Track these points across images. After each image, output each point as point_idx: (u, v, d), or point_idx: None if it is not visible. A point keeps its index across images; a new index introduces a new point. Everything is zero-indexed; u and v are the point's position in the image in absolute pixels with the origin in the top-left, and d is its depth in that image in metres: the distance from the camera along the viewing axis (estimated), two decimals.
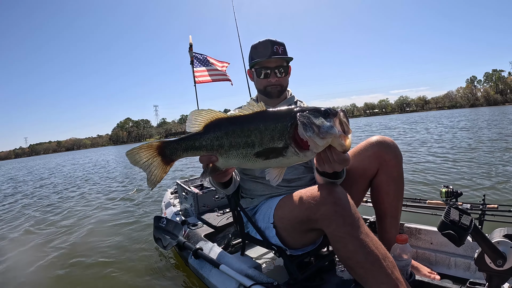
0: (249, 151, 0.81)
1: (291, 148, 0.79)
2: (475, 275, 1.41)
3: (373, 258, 0.97)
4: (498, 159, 5.31)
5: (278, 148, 0.80)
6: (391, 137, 1.40)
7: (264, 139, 0.80)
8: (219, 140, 0.82)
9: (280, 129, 0.79)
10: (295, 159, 0.82)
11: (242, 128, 0.81)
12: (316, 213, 1.04)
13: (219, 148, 0.83)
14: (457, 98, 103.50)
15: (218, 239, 2.07)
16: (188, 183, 2.81)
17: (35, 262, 2.67)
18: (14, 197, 7.21)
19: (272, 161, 0.82)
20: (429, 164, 5.52)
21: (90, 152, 53.60)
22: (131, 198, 5.19)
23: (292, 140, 0.79)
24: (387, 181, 1.34)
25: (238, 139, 0.81)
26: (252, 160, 0.82)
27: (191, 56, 3.87)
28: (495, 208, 1.54)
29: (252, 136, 0.80)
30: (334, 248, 1.05)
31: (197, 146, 0.85)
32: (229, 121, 0.83)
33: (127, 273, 2.27)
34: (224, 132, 0.82)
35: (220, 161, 0.85)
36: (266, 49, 1.39)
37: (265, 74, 1.40)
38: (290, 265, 1.28)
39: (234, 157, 0.83)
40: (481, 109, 51.93)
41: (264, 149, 0.80)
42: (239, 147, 0.82)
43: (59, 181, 9.78)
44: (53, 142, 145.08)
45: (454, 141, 8.64)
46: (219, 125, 0.83)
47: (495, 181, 3.88)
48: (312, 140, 0.76)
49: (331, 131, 0.76)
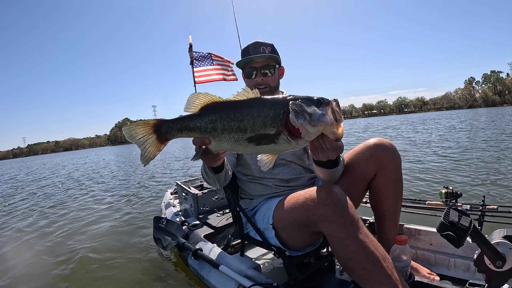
0: (241, 135, 0.83)
1: (283, 135, 0.81)
2: (475, 276, 1.41)
3: (373, 259, 0.97)
4: (498, 160, 5.32)
5: (270, 135, 0.81)
6: (390, 138, 1.40)
7: (256, 125, 0.81)
8: (213, 123, 0.84)
9: (272, 116, 0.81)
10: (287, 146, 0.83)
11: (236, 112, 0.83)
12: (316, 214, 1.04)
13: (213, 131, 0.85)
14: (455, 99, 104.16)
15: (217, 239, 2.07)
16: (188, 183, 2.81)
17: (35, 262, 2.67)
18: (14, 197, 7.20)
19: (263, 147, 0.84)
20: (429, 164, 5.53)
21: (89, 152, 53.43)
22: (131, 199, 5.19)
23: (284, 128, 0.80)
24: (385, 184, 1.33)
25: (231, 123, 0.83)
26: (243, 145, 0.84)
27: (191, 57, 3.85)
28: (494, 209, 1.55)
29: (245, 121, 0.82)
30: (334, 249, 1.04)
31: (191, 127, 0.86)
32: (224, 105, 0.85)
33: (127, 273, 2.27)
34: (218, 115, 0.84)
35: (213, 144, 0.87)
36: (253, 50, 1.42)
37: (251, 74, 1.43)
38: (289, 266, 1.28)
39: (226, 141, 0.85)
40: (479, 110, 52.15)
41: (256, 134, 0.82)
42: (232, 131, 0.83)
43: (58, 180, 9.77)
44: (51, 142, 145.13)
45: (454, 141, 8.65)
46: (214, 108, 0.85)
47: (494, 182, 3.88)
48: (304, 127, 0.78)
49: (322, 119, 0.77)
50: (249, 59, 1.41)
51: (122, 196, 5.53)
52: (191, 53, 3.81)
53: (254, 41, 1.45)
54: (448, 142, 8.74)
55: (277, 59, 1.45)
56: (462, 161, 5.50)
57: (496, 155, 5.83)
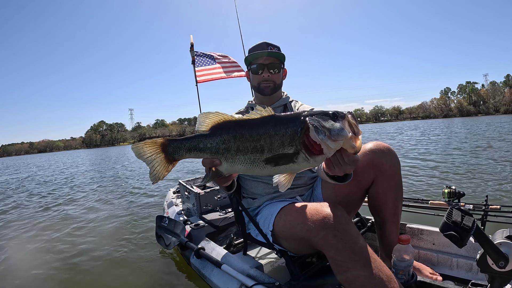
0: (258, 156, 0.78)
1: (301, 154, 0.77)
2: (477, 276, 1.41)
3: (376, 281, 0.95)
4: (502, 159, 5.29)
5: (288, 154, 0.77)
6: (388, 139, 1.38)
7: (274, 144, 0.77)
8: (226, 144, 0.79)
9: (290, 134, 0.76)
10: (305, 165, 0.79)
11: (251, 132, 0.78)
12: (316, 236, 1.02)
13: (225, 152, 0.80)
14: (431, 108, 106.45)
15: (220, 238, 2.08)
16: (191, 182, 2.82)
17: (34, 262, 2.68)
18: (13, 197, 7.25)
19: (281, 168, 0.79)
20: (431, 164, 5.50)
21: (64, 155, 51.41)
22: (133, 198, 5.21)
23: (302, 146, 0.76)
24: (384, 191, 1.30)
25: (246, 144, 0.78)
26: (260, 166, 0.79)
27: (192, 56, 3.85)
28: (497, 209, 1.54)
29: (262, 141, 0.77)
30: (335, 272, 1.02)
31: (201, 148, 0.82)
32: (237, 124, 0.79)
33: (129, 272, 2.28)
34: (231, 135, 0.79)
35: (225, 165, 0.82)
36: (262, 49, 1.49)
37: (259, 69, 1.47)
38: (292, 265, 1.29)
39: (241, 163, 0.80)
40: (454, 120, 52.30)
41: (274, 155, 0.77)
42: (247, 152, 0.78)
43: (59, 179, 9.83)
44: (26, 143, 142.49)
45: (454, 143, 8.60)
46: (226, 128, 0.80)
47: (498, 182, 3.86)
48: (325, 143, 0.74)
49: (342, 133, 0.74)
50: (260, 54, 1.46)
51: (124, 196, 5.55)
52: (192, 52, 3.81)
53: (262, 41, 1.52)
54: (449, 142, 8.70)
55: (284, 59, 1.52)
56: (465, 161, 5.48)
57: (498, 154, 5.80)
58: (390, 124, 66.89)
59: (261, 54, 1.46)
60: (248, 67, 1.54)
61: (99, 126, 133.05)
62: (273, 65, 1.47)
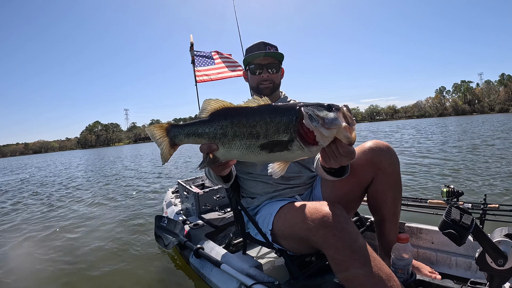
0: (253, 142, 0.81)
1: (296, 142, 0.79)
2: (476, 274, 1.41)
3: (375, 280, 0.95)
4: (500, 158, 5.31)
5: (283, 141, 0.80)
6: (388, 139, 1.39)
7: (269, 130, 0.80)
8: (223, 129, 0.82)
9: (285, 122, 0.79)
10: (300, 154, 0.82)
11: (248, 118, 0.81)
12: (315, 235, 1.02)
13: (222, 137, 0.83)
14: (426, 107, 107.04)
15: (219, 238, 2.08)
16: (189, 182, 2.82)
17: (34, 262, 2.67)
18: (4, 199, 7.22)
19: (276, 155, 0.82)
20: (430, 163, 5.52)
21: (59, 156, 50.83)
22: (132, 198, 5.20)
23: (297, 134, 0.79)
24: (383, 190, 1.30)
25: (243, 129, 0.81)
26: (255, 152, 0.82)
27: (192, 55, 3.84)
28: (496, 207, 1.55)
29: (258, 127, 0.80)
30: (334, 270, 1.02)
31: (199, 133, 0.85)
32: (235, 111, 0.83)
33: (128, 272, 2.27)
34: (229, 121, 0.82)
35: (221, 151, 0.85)
36: (260, 49, 1.47)
37: (258, 69, 1.46)
38: (291, 265, 1.29)
39: (237, 148, 0.83)
40: (450, 119, 52.60)
41: (269, 141, 0.80)
42: (243, 137, 0.81)
43: (49, 180, 9.80)
44: (21, 144, 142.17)
45: (454, 142, 8.63)
46: (224, 114, 0.83)
47: (496, 181, 3.88)
48: (318, 130, 0.76)
49: (336, 122, 0.76)
50: (258, 55, 1.44)
51: (123, 196, 5.54)
52: (192, 52, 3.80)
53: (260, 41, 1.50)
54: (448, 142, 8.73)
55: (282, 58, 1.51)
56: (464, 160, 5.50)
57: (497, 153, 5.82)
58: (385, 123, 67.33)
59: (259, 55, 1.44)
60: (246, 67, 1.53)
61: (94, 127, 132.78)
62: (271, 65, 1.46)
